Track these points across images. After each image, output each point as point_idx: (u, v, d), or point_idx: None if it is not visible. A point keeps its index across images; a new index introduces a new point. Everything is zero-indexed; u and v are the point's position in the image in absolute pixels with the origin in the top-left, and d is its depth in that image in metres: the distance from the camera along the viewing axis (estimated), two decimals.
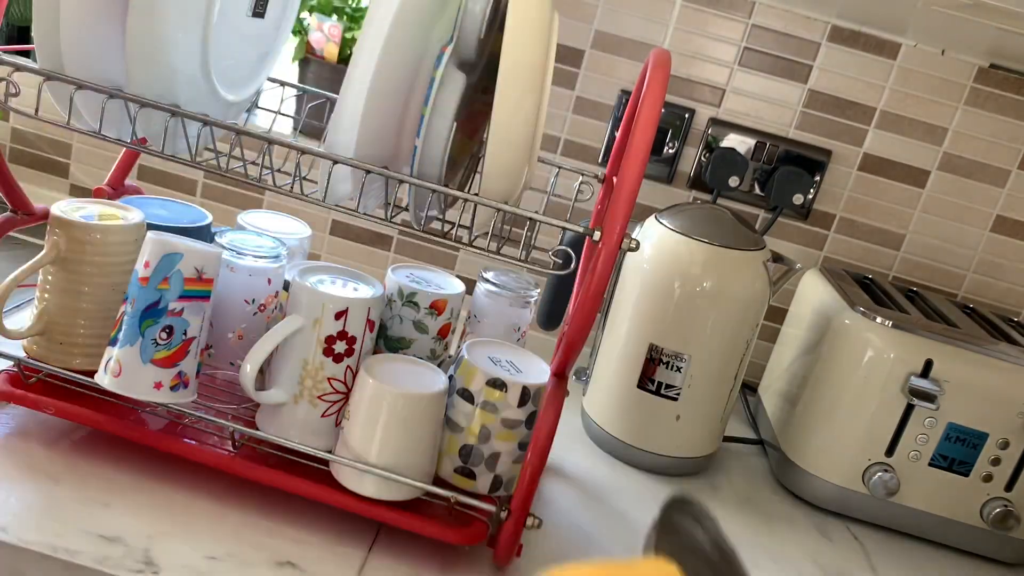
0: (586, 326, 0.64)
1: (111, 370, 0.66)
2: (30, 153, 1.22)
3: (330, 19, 1.18)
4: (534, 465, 0.65)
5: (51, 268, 0.70)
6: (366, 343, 0.70)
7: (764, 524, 0.89)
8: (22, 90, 0.67)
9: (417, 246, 1.19)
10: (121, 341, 0.65)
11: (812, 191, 1.12)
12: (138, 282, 0.65)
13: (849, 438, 0.89)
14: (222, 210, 1.20)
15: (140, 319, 0.65)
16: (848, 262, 1.16)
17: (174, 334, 0.66)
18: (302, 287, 0.67)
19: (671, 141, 1.13)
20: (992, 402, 0.86)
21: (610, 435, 0.94)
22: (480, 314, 0.83)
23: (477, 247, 0.67)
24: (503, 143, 0.61)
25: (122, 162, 0.93)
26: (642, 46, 1.11)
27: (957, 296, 1.16)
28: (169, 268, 0.65)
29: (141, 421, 0.71)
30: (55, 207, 0.70)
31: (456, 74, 0.65)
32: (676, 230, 0.90)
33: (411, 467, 0.66)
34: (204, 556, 0.63)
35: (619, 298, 0.93)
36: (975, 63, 1.07)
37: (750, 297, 0.89)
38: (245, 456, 0.70)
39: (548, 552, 0.74)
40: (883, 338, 0.88)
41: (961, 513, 0.90)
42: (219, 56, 0.73)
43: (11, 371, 0.72)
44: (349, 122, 0.62)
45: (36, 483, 0.66)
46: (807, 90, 1.10)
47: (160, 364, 0.66)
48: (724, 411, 0.93)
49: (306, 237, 0.89)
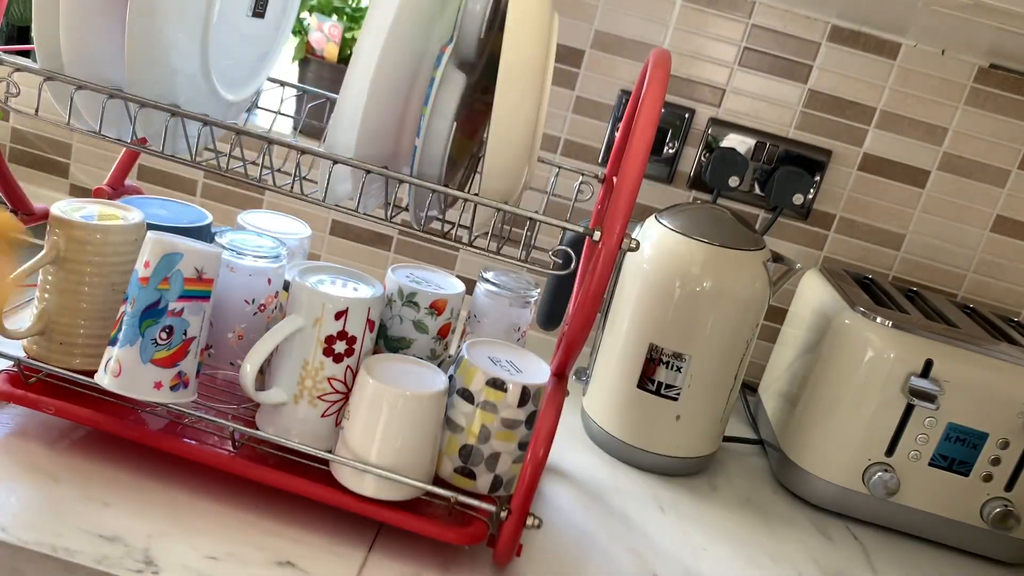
0: (586, 326, 0.64)
1: (111, 370, 0.66)
2: (30, 153, 1.22)
3: (330, 19, 1.18)
4: (534, 465, 0.65)
5: (51, 268, 0.70)
6: (366, 343, 0.70)
7: (764, 524, 0.89)
8: (22, 90, 0.67)
9: (417, 246, 1.19)
10: (121, 341, 0.65)
11: (812, 191, 1.12)
12: (138, 282, 0.65)
13: (849, 438, 0.89)
14: (222, 210, 1.20)
15: (140, 319, 0.65)
16: (848, 262, 1.16)
17: (174, 334, 0.66)
18: (302, 287, 0.67)
19: (671, 141, 1.13)
20: (992, 402, 0.86)
21: (610, 435, 0.94)
22: (480, 314, 0.83)
23: (477, 247, 0.67)
24: (503, 143, 0.61)
25: (122, 162, 0.93)
26: (642, 46, 1.11)
27: (957, 296, 1.16)
28: (169, 268, 0.65)
29: (141, 421, 0.71)
30: (55, 207, 0.70)
31: (456, 74, 0.65)
32: (676, 230, 0.90)
33: (411, 467, 0.66)
34: (204, 556, 0.63)
35: (619, 298, 0.93)
36: (975, 63, 1.07)
37: (750, 297, 0.89)
38: (245, 456, 0.70)
39: (548, 552, 0.74)
40: (883, 338, 0.88)
41: (961, 513, 0.90)
42: (219, 56, 0.73)
43: (11, 371, 0.72)
44: (349, 122, 0.62)
45: (36, 483, 0.66)
46: (807, 90, 1.10)
47: (160, 364, 0.66)
48: (724, 411, 0.93)
49: (306, 237, 0.89)
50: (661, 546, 0.80)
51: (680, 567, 0.77)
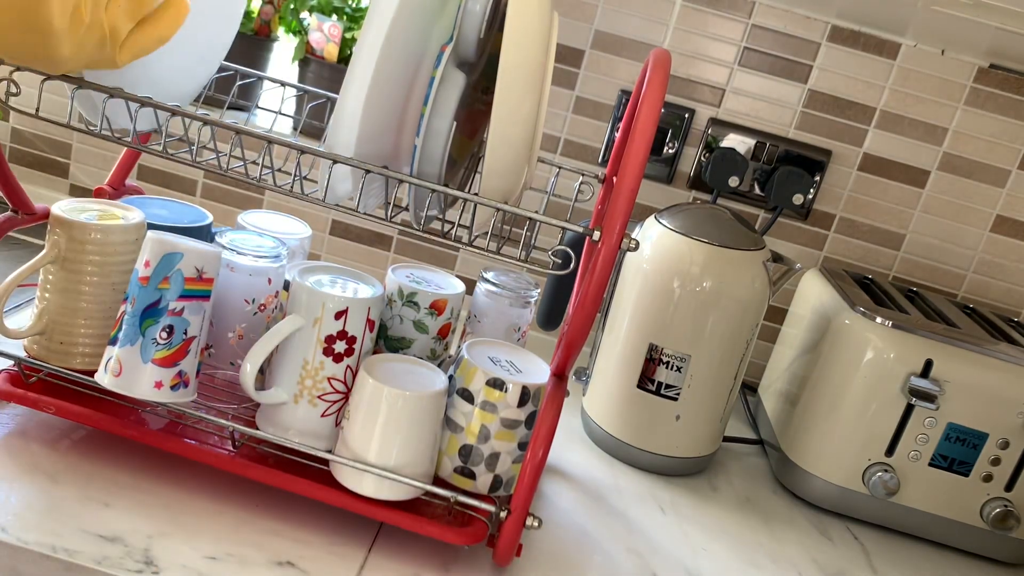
0: (586, 326, 0.64)
1: (111, 369, 0.66)
2: (30, 153, 1.22)
3: (330, 19, 1.18)
4: (534, 465, 0.65)
5: (51, 268, 0.70)
6: (366, 343, 0.70)
7: (764, 524, 0.89)
8: (22, 90, 0.67)
9: (417, 246, 1.19)
10: (121, 341, 0.65)
11: (812, 191, 1.12)
12: (138, 282, 0.65)
13: (849, 438, 0.89)
14: (222, 210, 1.20)
15: (140, 319, 0.65)
16: (848, 262, 1.16)
17: (174, 333, 0.66)
18: (302, 287, 0.67)
19: (671, 141, 1.13)
20: (992, 402, 0.86)
21: (610, 435, 0.94)
22: (480, 314, 0.83)
23: (477, 247, 0.67)
24: (503, 143, 0.61)
25: (123, 162, 0.93)
26: (642, 46, 1.11)
27: (957, 296, 1.16)
28: (169, 268, 0.65)
29: (141, 421, 0.71)
30: (55, 207, 0.70)
31: (456, 73, 0.65)
32: (676, 230, 0.90)
33: (411, 467, 0.67)
34: (204, 556, 0.63)
35: (619, 298, 0.93)
36: (975, 63, 1.07)
37: (750, 297, 0.89)
38: (245, 456, 0.70)
39: (548, 552, 0.74)
40: (883, 338, 0.88)
41: (961, 513, 0.90)
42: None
43: (11, 371, 0.72)
44: (349, 121, 0.62)
45: (36, 483, 0.66)
46: (807, 90, 1.10)
47: (160, 364, 0.66)
48: (724, 411, 0.93)
49: (306, 237, 0.89)
50: (661, 546, 0.80)
51: (680, 567, 0.77)
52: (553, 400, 0.68)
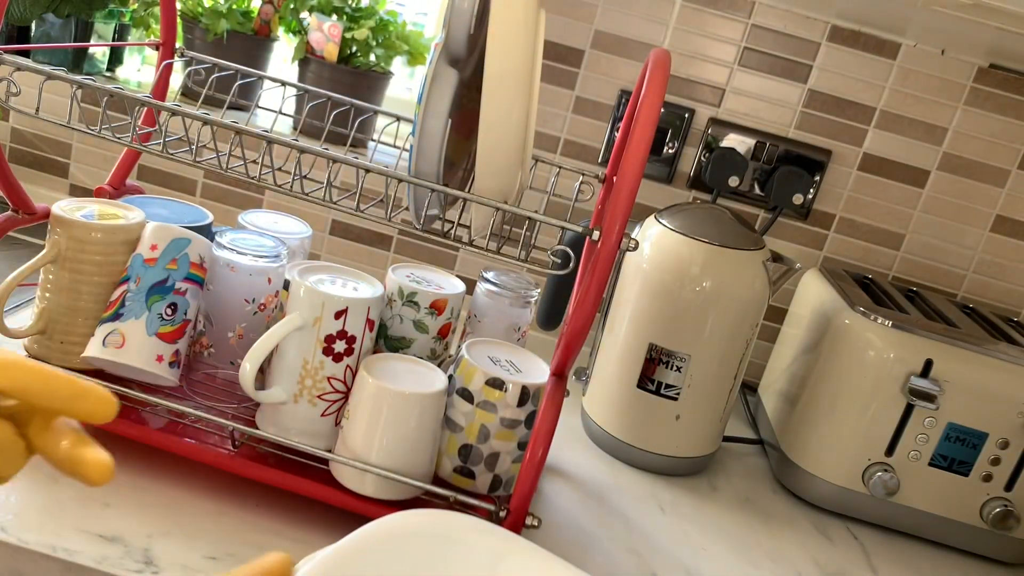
0: (586, 326, 0.64)
1: (111, 343, 0.67)
2: (30, 153, 1.22)
3: (330, 19, 1.18)
4: (533, 465, 0.64)
5: (52, 267, 0.70)
6: (366, 342, 0.70)
7: (764, 524, 0.89)
8: (22, 90, 0.67)
9: (417, 246, 1.19)
10: (125, 315, 0.67)
11: (812, 191, 1.12)
12: (144, 263, 0.68)
13: (849, 438, 0.89)
14: (222, 210, 1.20)
15: (147, 295, 0.68)
16: (848, 262, 1.16)
17: (177, 311, 0.69)
18: (302, 286, 0.67)
19: (671, 141, 1.13)
20: (992, 402, 0.86)
21: (610, 435, 0.94)
22: (480, 314, 0.83)
23: (477, 247, 0.67)
24: (493, 149, 0.61)
25: (123, 162, 0.93)
26: (642, 46, 1.11)
27: (957, 296, 1.16)
28: (178, 251, 0.69)
29: (141, 421, 0.71)
30: (56, 206, 0.70)
31: (448, 71, 0.64)
32: (676, 230, 0.90)
33: (411, 467, 0.67)
34: (204, 556, 0.63)
35: (619, 298, 0.93)
36: (975, 63, 1.07)
37: (750, 297, 0.89)
38: (245, 455, 0.70)
39: None
40: (883, 338, 0.88)
41: (961, 513, 0.90)
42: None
43: None
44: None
45: (36, 483, 0.66)
46: (807, 90, 1.10)
47: (164, 339, 0.68)
48: (724, 411, 0.93)
49: (306, 237, 0.89)
50: (661, 546, 0.80)
51: (680, 567, 0.77)
52: (553, 400, 0.68)
